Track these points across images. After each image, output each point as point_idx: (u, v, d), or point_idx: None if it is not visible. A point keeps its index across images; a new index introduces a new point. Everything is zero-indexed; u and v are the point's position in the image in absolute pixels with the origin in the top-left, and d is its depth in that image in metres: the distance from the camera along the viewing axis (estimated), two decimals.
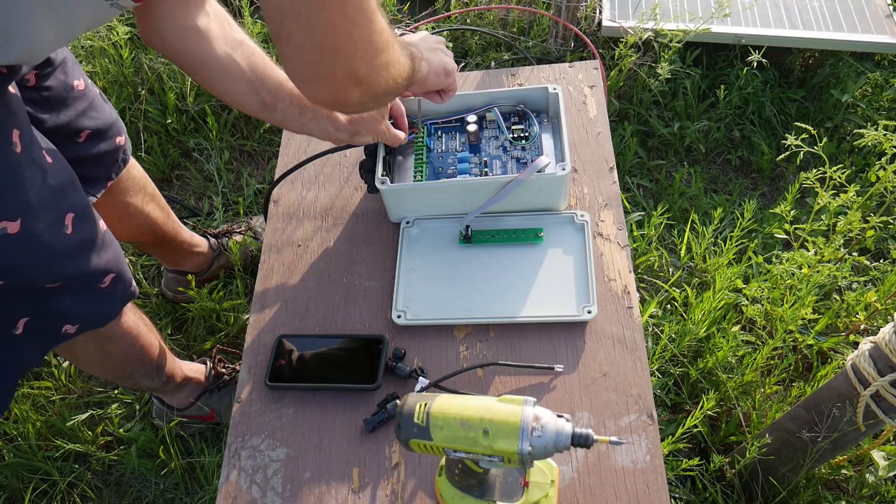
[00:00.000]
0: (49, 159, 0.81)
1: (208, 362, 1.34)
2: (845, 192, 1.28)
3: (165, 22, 0.82)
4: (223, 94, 0.88)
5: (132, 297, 1.01)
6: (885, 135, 1.24)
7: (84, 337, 0.99)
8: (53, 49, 0.78)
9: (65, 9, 0.68)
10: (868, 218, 1.26)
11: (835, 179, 1.26)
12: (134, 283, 1.00)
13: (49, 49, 0.77)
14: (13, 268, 0.80)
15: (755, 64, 1.64)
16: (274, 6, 0.60)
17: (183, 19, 0.82)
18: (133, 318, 1.07)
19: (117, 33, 1.83)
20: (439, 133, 1.09)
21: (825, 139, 1.35)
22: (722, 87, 1.75)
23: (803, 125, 1.31)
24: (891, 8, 1.80)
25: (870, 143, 1.26)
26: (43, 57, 0.81)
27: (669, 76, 1.71)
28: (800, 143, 1.25)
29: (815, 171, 1.28)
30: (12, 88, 0.76)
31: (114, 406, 1.39)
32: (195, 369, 1.30)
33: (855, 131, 1.29)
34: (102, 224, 0.92)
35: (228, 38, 0.85)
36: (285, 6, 0.59)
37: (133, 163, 1.20)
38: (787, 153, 1.30)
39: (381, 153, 1.01)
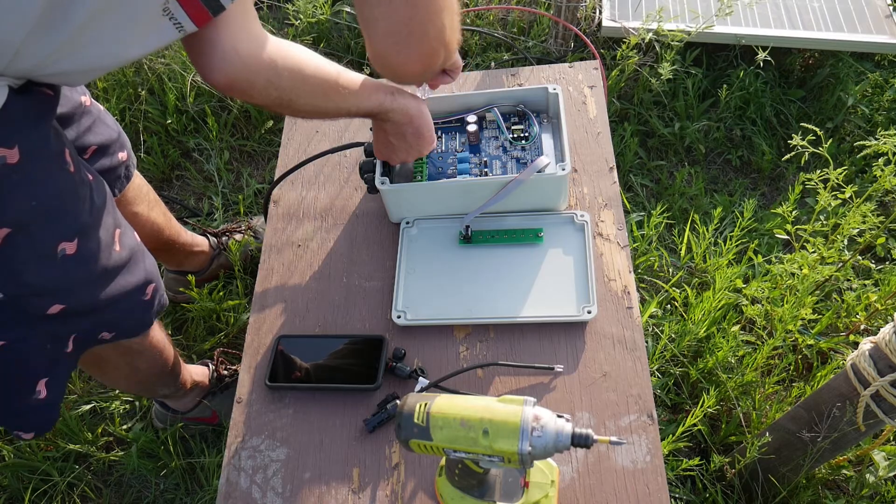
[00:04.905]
0: (90, 176, 0.81)
1: (210, 364, 1.34)
2: (843, 192, 1.28)
3: (235, 30, 0.70)
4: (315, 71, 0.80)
5: (165, 306, 1.00)
6: (884, 143, 1.23)
7: (116, 354, 1.00)
8: (101, 71, 0.74)
9: (126, 29, 0.64)
10: (867, 218, 1.25)
11: (834, 182, 1.25)
12: (164, 291, 1.00)
13: (99, 69, 0.72)
14: (72, 289, 0.79)
15: (758, 64, 1.64)
16: None
17: (253, 23, 0.73)
18: (159, 331, 1.07)
19: None
20: (439, 133, 1.09)
21: (830, 140, 1.35)
22: (724, 87, 1.75)
23: (808, 126, 1.31)
24: (891, 8, 1.80)
25: (871, 153, 1.26)
26: (86, 80, 0.78)
27: (672, 76, 1.71)
28: (805, 144, 1.24)
29: (818, 172, 1.28)
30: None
31: (115, 403, 1.39)
32: (200, 372, 1.30)
33: (858, 143, 1.29)
34: (136, 234, 0.92)
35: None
36: None
37: (135, 173, 1.20)
38: (793, 153, 1.30)
39: None
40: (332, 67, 0.82)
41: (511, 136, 1.05)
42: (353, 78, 0.84)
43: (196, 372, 1.29)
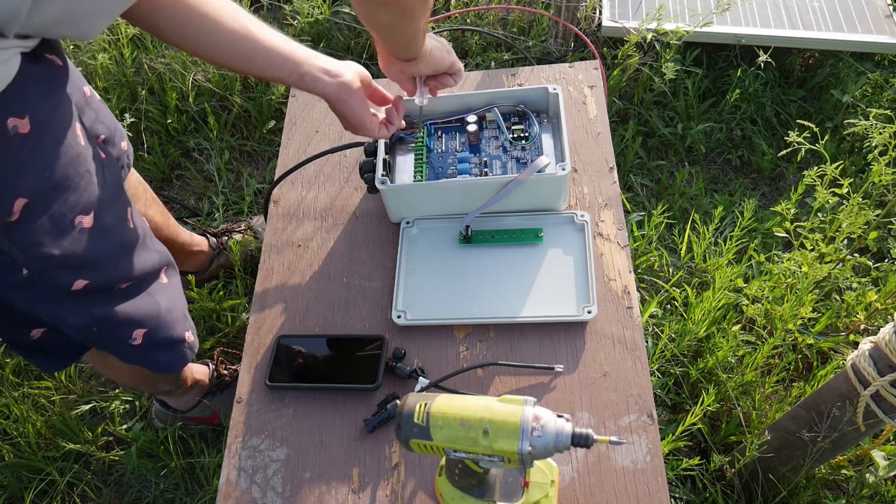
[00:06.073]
0: (102, 154, 0.81)
1: (210, 364, 1.34)
2: (840, 187, 1.28)
3: None
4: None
5: None
6: (874, 125, 1.23)
7: None
8: (109, 14, 0.74)
9: None
10: (865, 213, 1.25)
11: (833, 177, 1.25)
12: None
13: (101, 22, 0.74)
14: (92, 263, 0.80)
15: (759, 64, 1.64)
16: None
17: None
18: None
19: (119, 31, 1.83)
20: (439, 133, 1.09)
21: (826, 137, 1.35)
22: (726, 89, 1.75)
23: (805, 122, 1.31)
24: (891, 8, 1.80)
25: (860, 132, 1.25)
26: (99, 28, 0.78)
27: (674, 76, 1.71)
28: (801, 141, 1.24)
29: (815, 168, 1.28)
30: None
31: (115, 403, 1.39)
32: (201, 371, 1.31)
33: (847, 122, 1.28)
34: (145, 220, 0.92)
35: None
36: None
37: (132, 170, 1.20)
38: (789, 150, 1.30)
39: (381, 153, 1.01)
40: (252, 21, 0.82)
41: (511, 136, 1.05)
42: (272, 39, 0.84)
43: (197, 370, 1.29)
